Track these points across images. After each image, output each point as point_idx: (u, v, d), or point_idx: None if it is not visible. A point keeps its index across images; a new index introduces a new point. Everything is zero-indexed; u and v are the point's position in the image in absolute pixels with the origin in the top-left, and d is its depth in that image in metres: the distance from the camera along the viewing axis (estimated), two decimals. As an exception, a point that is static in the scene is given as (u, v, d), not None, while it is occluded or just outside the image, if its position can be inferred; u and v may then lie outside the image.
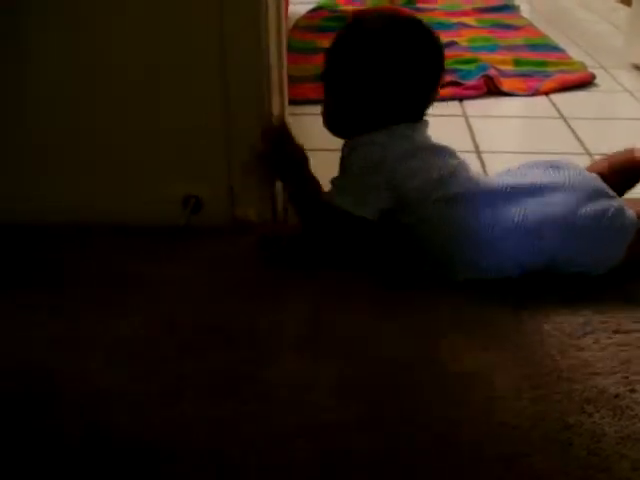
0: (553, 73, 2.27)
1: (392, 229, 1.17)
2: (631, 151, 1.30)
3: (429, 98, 1.24)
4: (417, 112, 1.23)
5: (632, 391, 0.93)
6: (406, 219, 1.16)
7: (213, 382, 0.95)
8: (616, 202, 1.16)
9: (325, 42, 2.56)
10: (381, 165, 1.15)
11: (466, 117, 1.94)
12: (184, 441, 0.85)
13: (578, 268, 1.15)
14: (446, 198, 1.14)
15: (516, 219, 1.12)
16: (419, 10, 3.08)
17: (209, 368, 0.97)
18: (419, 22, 1.24)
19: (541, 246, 1.12)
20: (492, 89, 2.13)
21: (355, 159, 1.18)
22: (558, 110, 2.01)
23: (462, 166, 1.20)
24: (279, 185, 1.34)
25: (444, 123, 1.88)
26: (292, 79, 1.60)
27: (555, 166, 1.19)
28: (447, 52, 2.37)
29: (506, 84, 2.16)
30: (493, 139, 1.83)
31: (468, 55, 2.40)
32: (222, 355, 1.00)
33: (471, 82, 2.12)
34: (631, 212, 1.16)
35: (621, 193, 1.24)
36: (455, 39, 2.63)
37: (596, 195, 1.16)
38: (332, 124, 1.26)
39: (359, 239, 1.19)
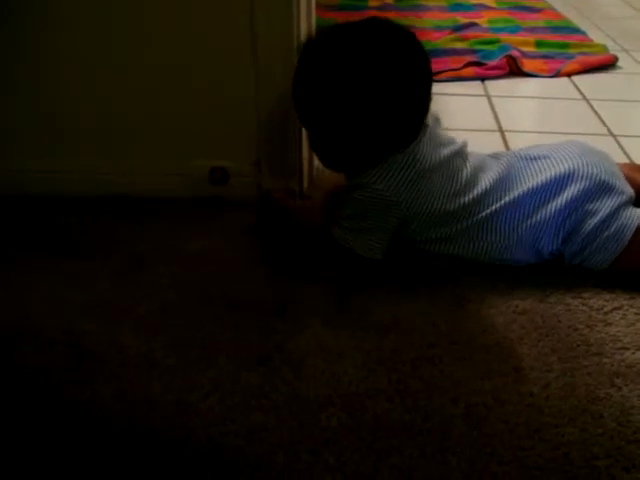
0: (575, 55, 2.25)
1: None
2: None
3: (423, 113, 1.11)
4: (413, 133, 1.10)
5: (660, 366, 0.93)
6: (426, 236, 1.12)
7: (244, 351, 0.96)
8: (618, 200, 1.11)
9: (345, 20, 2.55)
10: (387, 204, 1.09)
11: (489, 97, 1.93)
12: (215, 407, 0.86)
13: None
14: (482, 217, 1.11)
15: (546, 213, 1.11)
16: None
17: (239, 337, 0.98)
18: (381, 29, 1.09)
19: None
20: (514, 70, 2.12)
21: (359, 201, 1.10)
22: (580, 91, 2.00)
23: (468, 159, 1.15)
24: (306, 159, 1.34)
25: (467, 102, 1.88)
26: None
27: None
28: (468, 33, 2.42)
29: (528, 65, 2.14)
30: (516, 119, 1.83)
31: (489, 36, 2.38)
32: (250, 325, 1.01)
33: (493, 62, 2.11)
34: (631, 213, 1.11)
35: None
36: (475, 20, 2.62)
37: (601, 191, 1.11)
38: (327, 162, 1.19)
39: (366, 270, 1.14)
